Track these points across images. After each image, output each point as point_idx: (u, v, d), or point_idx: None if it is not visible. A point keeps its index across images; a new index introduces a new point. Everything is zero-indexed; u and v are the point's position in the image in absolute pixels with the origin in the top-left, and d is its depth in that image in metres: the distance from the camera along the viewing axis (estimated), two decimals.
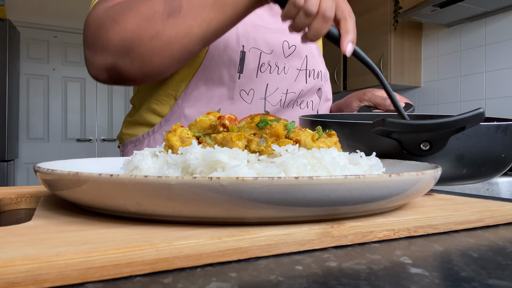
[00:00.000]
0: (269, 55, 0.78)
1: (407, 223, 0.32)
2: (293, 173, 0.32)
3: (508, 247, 0.29)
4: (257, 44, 0.77)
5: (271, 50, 0.78)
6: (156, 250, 0.23)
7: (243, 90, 0.78)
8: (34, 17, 3.59)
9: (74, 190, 0.30)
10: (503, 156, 0.49)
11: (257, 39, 0.77)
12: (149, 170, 0.38)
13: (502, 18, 2.50)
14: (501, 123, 0.47)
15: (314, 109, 0.87)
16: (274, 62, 0.79)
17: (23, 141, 3.67)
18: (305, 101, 0.84)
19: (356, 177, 0.27)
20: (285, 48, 0.80)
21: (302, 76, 0.83)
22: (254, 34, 0.77)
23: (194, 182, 0.26)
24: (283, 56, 0.80)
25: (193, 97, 0.75)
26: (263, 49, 0.77)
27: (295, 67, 0.82)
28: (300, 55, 0.82)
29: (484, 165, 0.49)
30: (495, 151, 0.48)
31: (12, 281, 0.20)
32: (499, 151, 0.48)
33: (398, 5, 2.81)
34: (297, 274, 0.23)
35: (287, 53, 0.80)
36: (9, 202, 0.43)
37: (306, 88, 0.83)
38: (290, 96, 0.81)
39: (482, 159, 0.48)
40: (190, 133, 0.43)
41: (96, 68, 0.62)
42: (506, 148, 0.48)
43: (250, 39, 0.76)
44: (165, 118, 0.78)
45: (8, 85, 3.15)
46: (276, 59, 0.79)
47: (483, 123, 0.46)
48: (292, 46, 0.81)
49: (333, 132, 0.44)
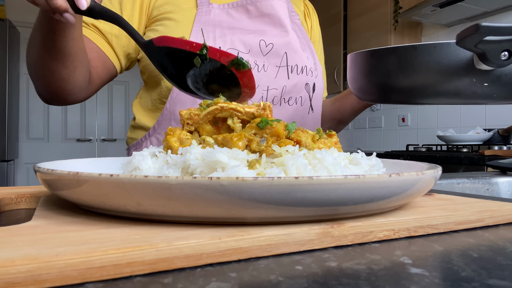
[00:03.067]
0: (247, 54, 0.81)
1: (407, 223, 0.32)
2: (293, 173, 0.32)
3: (508, 247, 0.29)
4: (233, 44, 0.80)
5: (248, 49, 0.81)
6: (156, 250, 0.23)
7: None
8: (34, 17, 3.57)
9: (74, 190, 0.30)
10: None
11: (234, 40, 0.80)
12: (149, 171, 0.38)
13: (502, 18, 2.50)
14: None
15: (305, 105, 0.88)
16: (252, 60, 0.81)
17: (23, 141, 3.67)
18: (293, 97, 0.85)
19: (356, 177, 0.27)
20: (262, 47, 0.83)
21: (283, 73, 0.85)
22: (231, 35, 0.81)
23: (194, 182, 0.26)
24: (261, 54, 0.83)
25: (179, 100, 0.79)
26: (240, 49, 0.80)
27: (274, 64, 0.84)
28: (279, 53, 0.84)
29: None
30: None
31: (12, 281, 0.20)
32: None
33: (398, 5, 2.81)
34: (297, 274, 0.23)
35: (265, 51, 0.83)
36: (9, 202, 0.43)
37: (289, 84, 0.85)
38: (272, 93, 0.82)
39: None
40: (189, 134, 0.43)
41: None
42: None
43: (227, 40, 0.80)
44: (157, 121, 0.82)
45: (8, 85, 3.15)
46: (255, 58, 0.82)
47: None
48: (270, 44, 0.83)
49: (333, 133, 0.44)
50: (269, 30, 0.86)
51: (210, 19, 0.81)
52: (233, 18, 0.84)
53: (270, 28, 0.86)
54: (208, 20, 0.81)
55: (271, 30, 0.86)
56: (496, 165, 0.88)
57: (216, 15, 0.82)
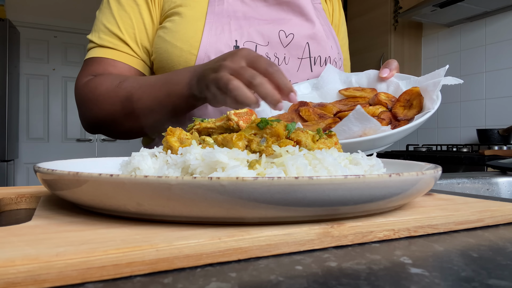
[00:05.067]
0: (266, 46, 0.76)
1: (407, 223, 0.32)
2: (293, 173, 0.32)
3: (508, 247, 0.29)
4: (251, 37, 0.75)
5: (267, 41, 0.76)
6: (156, 250, 0.23)
7: None
8: (34, 17, 3.59)
9: (74, 190, 0.30)
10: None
11: (251, 32, 0.75)
12: (148, 171, 0.38)
13: (502, 18, 2.50)
14: None
15: None
16: (272, 53, 0.76)
17: (23, 141, 3.67)
18: None
19: (356, 177, 0.27)
20: (282, 38, 0.77)
21: (306, 65, 0.80)
22: (247, 27, 0.75)
23: (194, 182, 0.26)
24: (281, 46, 0.77)
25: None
26: (258, 41, 0.75)
27: (295, 56, 0.78)
28: (300, 43, 0.78)
29: None
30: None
31: (12, 281, 0.20)
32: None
33: (398, 5, 2.81)
34: (297, 274, 0.23)
35: (285, 43, 0.78)
36: (9, 202, 0.43)
37: (312, 76, 0.80)
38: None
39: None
40: (189, 134, 0.43)
41: (86, 129, 0.78)
42: None
43: (244, 33, 0.74)
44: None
45: (8, 85, 3.15)
46: (275, 50, 0.77)
47: None
48: (290, 34, 0.78)
49: (333, 133, 0.44)
50: (288, 18, 0.79)
51: (224, 10, 0.75)
52: (249, 6, 0.78)
53: (289, 17, 0.79)
54: (222, 11, 0.75)
55: (290, 18, 0.79)
56: (496, 165, 0.88)
57: (230, 4, 0.76)
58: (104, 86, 0.69)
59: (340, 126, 0.54)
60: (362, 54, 3.07)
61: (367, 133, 0.54)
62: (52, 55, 3.76)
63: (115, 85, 0.68)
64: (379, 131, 0.54)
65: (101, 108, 0.70)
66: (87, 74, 0.75)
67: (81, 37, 3.84)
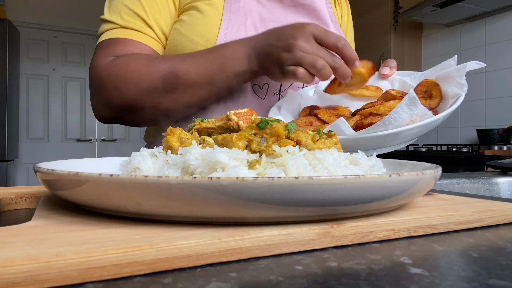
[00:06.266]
0: None
1: (407, 223, 0.32)
2: (293, 173, 0.32)
3: (508, 247, 0.29)
4: None
5: None
6: (156, 250, 0.23)
7: (256, 85, 0.76)
8: (34, 17, 3.59)
9: (74, 190, 0.30)
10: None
11: None
12: (148, 171, 0.38)
13: (502, 18, 2.50)
14: None
15: None
16: None
17: (23, 141, 3.67)
18: None
19: (356, 177, 0.27)
20: None
21: None
22: (262, 29, 0.75)
23: (194, 182, 0.26)
24: None
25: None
26: None
27: None
28: None
29: None
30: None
31: (12, 281, 0.20)
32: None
33: (398, 5, 2.81)
34: (297, 274, 0.23)
35: None
36: (9, 202, 0.43)
37: (325, 83, 0.79)
38: None
39: None
40: (189, 134, 0.43)
41: (102, 118, 0.72)
42: None
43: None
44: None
45: (8, 85, 3.15)
46: None
47: None
48: None
49: (333, 133, 0.44)
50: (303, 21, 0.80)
51: (240, 7, 0.75)
52: (265, 6, 0.78)
53: (305, 20, 0.80)
54: (238, 9, 0.75)
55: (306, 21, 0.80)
56: (496, 165, 0.88)
57: (246, 2, 0.76)
58: (137, 62, 0.65)
59: (392, 114, 0.54)
60: (362, 54, 3.07)
61: (414, 120, 0.55)
62: (52, 55, 3.76)
63: (152, 60, 0.65)
64: (425, 117, 0.55)
65: (136, 86, 0.65)
66: (107, 55, 0.70)
67: (81, 37, 3.84)
